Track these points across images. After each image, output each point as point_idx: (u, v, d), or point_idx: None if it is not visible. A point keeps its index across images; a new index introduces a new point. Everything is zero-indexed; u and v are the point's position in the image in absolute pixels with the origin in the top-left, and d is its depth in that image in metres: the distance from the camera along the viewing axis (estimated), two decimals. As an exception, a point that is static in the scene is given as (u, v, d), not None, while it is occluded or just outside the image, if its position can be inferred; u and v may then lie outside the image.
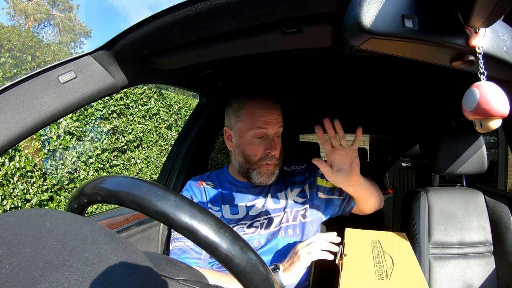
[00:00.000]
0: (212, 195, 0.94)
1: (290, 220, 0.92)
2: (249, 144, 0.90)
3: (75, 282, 0.24)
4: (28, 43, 2.89)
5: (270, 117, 0.89)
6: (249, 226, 0.88)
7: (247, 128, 0.89)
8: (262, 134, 0.89)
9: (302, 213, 0.94)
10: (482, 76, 0.43)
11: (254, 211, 0.92)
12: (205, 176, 1.00)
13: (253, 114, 0.89)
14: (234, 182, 0.97)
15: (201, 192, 0.94)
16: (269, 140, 0.89)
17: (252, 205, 0.93)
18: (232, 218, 0.90)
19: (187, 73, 1.03)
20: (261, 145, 0.89)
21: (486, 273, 1.00)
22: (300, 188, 0.99)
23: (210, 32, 0.62)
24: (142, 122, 3.74)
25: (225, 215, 0.91)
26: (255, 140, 0.89)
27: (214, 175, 1.01)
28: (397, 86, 1.30)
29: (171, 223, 0.31)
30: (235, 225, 0.89)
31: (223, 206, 0.92)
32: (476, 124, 0.44)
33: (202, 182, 0.97)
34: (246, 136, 0.89)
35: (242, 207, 0.92)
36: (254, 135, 0.89)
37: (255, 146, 0.89)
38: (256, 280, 0.31)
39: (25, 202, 2.40)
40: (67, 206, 0.38)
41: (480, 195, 1.10)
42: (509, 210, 1.01)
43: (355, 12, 0.42)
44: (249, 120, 0.89)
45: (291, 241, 0.89)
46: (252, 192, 0.95)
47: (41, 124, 0.59)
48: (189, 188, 0.96)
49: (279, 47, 0.65)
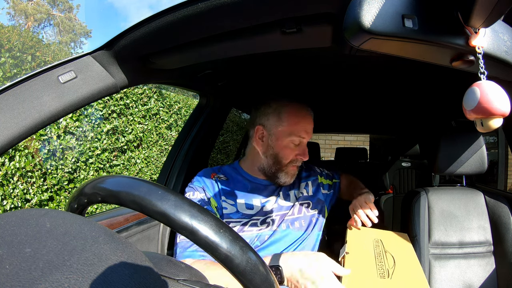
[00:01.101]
0: (225, 188, 0.94)
1: (296, 213, 0.96)
2: (284, 148, 0.93)
3: (75, 282, 0.23)
4: (28, 43, 2.89)
5: (309, 127, 0.94)
6: (262, 222, 0.91)
7: (287, 133, 0.92)
8: (299, 142, 0.93)
9: (306, 206, 0.99)
10: (482, 76, 0.43)
11: (268, 207, 0.94)
12: (216, 169, 1.00)
13: (296, 121, 0.92)
14: (249, 178, 0.98)
15: (213, 184, 0.94)
16: (303, 147, 0.94)
17: (266, 202, 0.95)
18: (246, 213, 0.91)
19: (187, 73, 1.03)
20: (295, 150, 0.93)
21: (486, 273, 1.00)
22: (305, 183, 1.05)
23: (210, 32, 0.62)
24: (142, 122, 3.74)
25: (239, 209, 0.91)
26: (290, 145, 0.93)
27: (226, 169, 1.01)
28: (397, 86, 1.30)
29: (171, 223, 0.31)
30: (249, 220, 0.90)
31: (237, 201, 0.93)
32: (477, 124, 0.43)
33: (214, 174, 0.97)
34: (284, 140, 0.92)
35: (257, 203, 0.94)
36: (292, 141, 0.92)
37: (290, 151, 0.93)
38: (256, 280, 0.31)
39: (25, 202, 2.40)
40: (67, 206, 0.38)
41: (480, 195, 1.10)
42: (509, 210, 1.01)
43: (355, 12, 0.42)
44: (291, 127, 0.92)
45: (297, 232, 0.93)
46: (267, 190, 0.97)
47: (41, 124, 0.59)
48: (201, 179, 0.94)
49: (279, 47, 0.65)
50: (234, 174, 0.99)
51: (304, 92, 1.53)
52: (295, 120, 0.92)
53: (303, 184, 1.04)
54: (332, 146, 5.52)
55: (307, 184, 1.04)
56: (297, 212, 0.96)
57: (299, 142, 0.93)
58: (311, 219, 0.98)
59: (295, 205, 0.97)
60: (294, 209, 0.96)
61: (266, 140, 0.94)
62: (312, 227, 0.96)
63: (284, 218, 0.93)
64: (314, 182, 1.06)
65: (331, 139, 5.60)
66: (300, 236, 0.93)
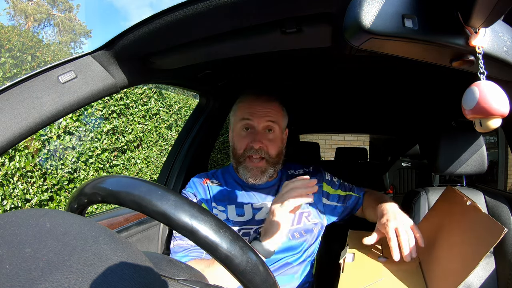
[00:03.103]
0: (216, 194, 0.92)
1: (295, 223, 0.90)
2: (236, 136, 0.91)
3: (75, 282, 0.23)
4: (28, 43, 2.89)
5: (257, 109, 0.88)
6: (256, 231, 0.86)
7: (237, 120, 0.91)
8: (247, 125, 0.88)
9: (306, 216, 0.93)
10: (482, 76, 0.43)
11: (261, 215, 0.89)
12: (210, 174, 0.98)
13: (243, 106, 0.90)
14: (239, 182, 0.95)
15: (205, 190, 0.92)
16: (254, 133, 0.88)
17: (259, 208, 0.90)
18: (237, 220, 0.87)
19: (187, 73, 1.03)
20: (247, 137, 0.88)
21: (486, 273, 1.00)
22: None
23: (210, 32, 0.62)
24: (142, 122, 3.74)
25: (230, 216, 0.88)
26: (242, 132, 0.89)
27: (220, 173, 0.99)
28: (397, 86, 1.30)
29: (171, 223, 0.31)
30: (241, 228, 0.86)
31: (228, 206, 0.89)
32: (476, 124, 0.43)
33: (207, 180, 0.95)
34: (236, 129, 0.91)
35: (248, 208, 0.89)
36: (241, 127, 0.89)
37: (241, 139, 0.89)
38: (256, 280, 0.31)
39: (25, 202, 2.40)
40: (67, 206, 0.38)
41: (480, 195, 1.10)
42: (509, 210, 1.01)
43: (355, 12, 0.42)
44: (239, 112, 0.90)
45: (296, 243, 0.88)
46: (259, 194, 0.92)
47: (41, 124, 0.59)
48: (193, 185, 0.94)
49: (279, 47, 0.65)
50: (227, 177, 0.97)
51: (304, 92, 1.53)
52: (243, 105, 0.91)
53: None
54: (332, 146, 5.52)
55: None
56: (297, 222, 0.90)
57: (248, 126, 0.88)
58: (311, 228, 0.92)
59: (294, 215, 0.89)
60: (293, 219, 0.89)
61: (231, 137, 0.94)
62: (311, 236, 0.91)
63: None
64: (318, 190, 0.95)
65: (331, 139, 5.61)
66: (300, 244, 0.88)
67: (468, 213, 0.72)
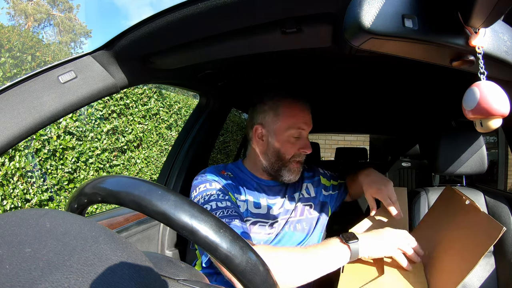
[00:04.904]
0: (236, 185, 0.93)
1: (298, 215, 0.94)
2: (285, 143, 0.92)
3: (75, 282, 0.23)
4: (28, 43, 2.89)
5: (307, 118, 0.93)
6: (270, 226, 0.89)
7: (286, 127, 0.91)
8: (299, 134, 0.92)
9: (308, 208, 0.97)
10: (482, 76, 0.43)
11: (275, 210, 0.93)
12: (222, 167, 0.99)
13: (293, 114, 0.92)
14: (254, 179, 0.97)
15: (225, 179, 0.92)
16: (304, 139, 0.93)
17: (273, 204, 0.94)
18: (256, 212, 0.90)
19: (187, 73, 1.03)
20: (296, 144, 0.92)
21: (486, 273, 1.00)
22: (307, 184, 1.03)
23: (210, 32, 0.62)
24: (142, 122, 3.74)
25: (249, 207, 0.90)
26: (291, 139, 0.92)
27: (231, 167, 0.99)
28: (397, 86, 1.30)
29: (171, 223, 0.31)
30: (257, 220, 0.89)
31: (247, 198, 0.91)
32: (476, 124, 0.43)
33: (223, 171, 0.95)
34: (284, 135, 0.91)
35: (264, 202, 0.93)
36: (292, 135, 0.91)
37: (291, 145, 0.92)
38: (256, 280, 0.31)
39: (25, 202, 2.40)
40: (67, 206, 0.38)
41: (480, 195, 1.10)
42: (509, 210, 1.01)
43: (355, 12, 0.42)
44: (289, 120, 0.91)
45: (300, 234, 0.92)
46: (272, 191, 0.96)
47: (41, 124, 0.59)
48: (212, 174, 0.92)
49: (279, 47, 0.65)
50: (239, 172, 0.98)
51: (304, 92, 1.53)
52: (292, 113, 0.92)
53: (305, 185, 1.03)
54: (332, 146, 5.52)
55: (309, 186, 1.03)
56: (299, 214, 0.95)
57: (299, 134, 0.92)
58: (313, 221, 0.97)
59: (297, 207, 0.96)
60: (296, 211, 0.95)
61: (266, 138, 0.93)
62: (313, 228, 0.95)
63: (288, 220, 0.92)
64: (316, 183, 1.05)
65: (331, 139, 5.61)
66: (303, 238, 0.92)
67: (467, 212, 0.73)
